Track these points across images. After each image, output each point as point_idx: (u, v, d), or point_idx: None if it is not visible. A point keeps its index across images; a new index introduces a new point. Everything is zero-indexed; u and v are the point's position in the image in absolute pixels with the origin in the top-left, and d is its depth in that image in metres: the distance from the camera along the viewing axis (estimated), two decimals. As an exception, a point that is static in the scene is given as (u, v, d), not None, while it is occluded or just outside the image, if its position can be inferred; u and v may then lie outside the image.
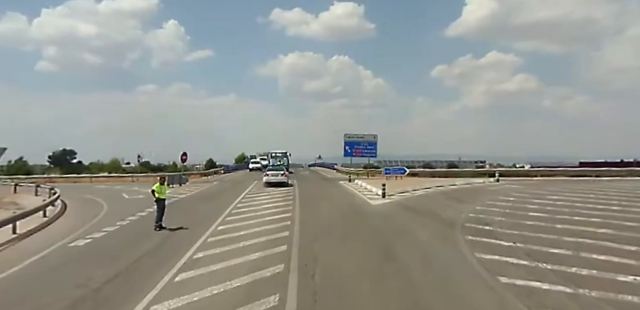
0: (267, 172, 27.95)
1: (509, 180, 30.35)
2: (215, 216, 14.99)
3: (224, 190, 25.91)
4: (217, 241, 11.02)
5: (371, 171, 40.80)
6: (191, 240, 11.12)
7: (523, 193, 20.63)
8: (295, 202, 18.42)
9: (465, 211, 15.16)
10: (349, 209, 16.59)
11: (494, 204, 16.99)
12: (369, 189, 23.73)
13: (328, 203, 18.48)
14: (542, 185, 25.49)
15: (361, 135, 53.67)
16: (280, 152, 50.58)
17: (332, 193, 23.14)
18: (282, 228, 12.52)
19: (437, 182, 27.80)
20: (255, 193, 23.30)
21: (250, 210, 16.43)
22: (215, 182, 35.48)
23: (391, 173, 29.76)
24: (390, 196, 20.01)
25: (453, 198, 19.28)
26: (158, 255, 9.86)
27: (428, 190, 23.19)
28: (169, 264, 8.83)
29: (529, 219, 13.32)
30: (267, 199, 20.19)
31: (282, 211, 15.87)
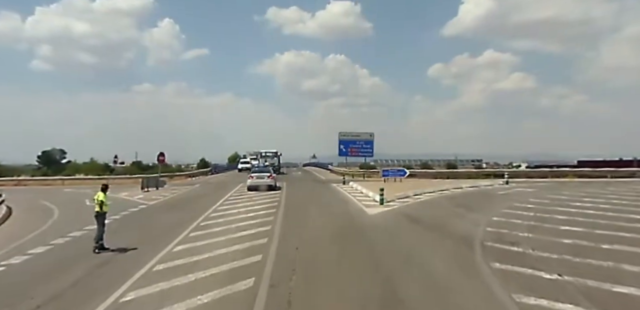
0: (252, 174, 25.23)
1: (518, 181, 27.86)
2: (179, 231, 12.31)
3: (203, 195, 23.20)
4: (165, 271, 8.34)
5: (367, 172, 38.11)
6: (131, 269, 8.43)
7: (540, 198, 18.06)
8: (278, 212, 15.74)
9: (481, 224, 12.56)
10: (342, 221, 13.92)
11: (513, 213, 14.40)
12: (365, 194, 21.10)
13: (317, 213, 15.82)
14: (557, 189, 22.98)
15: (357, 133, 51.04)
16: (271, 151, 47.82)
17: (323, 199, 20.47)
18: (254, 250, 9.84)
19: (439, 184, 25.22)
20: (236, 199, 20.61)
21: (222, 222, 13.75)
22: (197, 184, 32.74)
23: (390, 175, 27.07)
24: (389, 203, 17.38)
25: (462, 205, 16.67)
26: (69, 298, 7.12)
27: (432, 195, 20.59)
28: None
29: (564, 236, 10.71)
30: (247, 206, 17.51)
31: (261, 224, 13.20)
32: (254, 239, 10.90)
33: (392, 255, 9.33)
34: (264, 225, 12.82)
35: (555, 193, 20.03)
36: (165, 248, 10.28)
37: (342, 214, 15.33)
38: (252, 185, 24.44)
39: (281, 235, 11.39)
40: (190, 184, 33.60)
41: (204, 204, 18.41)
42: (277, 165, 47.56)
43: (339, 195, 21.56)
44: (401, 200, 18.53)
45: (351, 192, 23.12)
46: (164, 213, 16.63)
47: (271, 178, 24.79)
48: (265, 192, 23.24)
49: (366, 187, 23.72)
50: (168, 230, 12.66)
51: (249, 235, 11.42)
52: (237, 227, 12.69)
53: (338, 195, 21.88)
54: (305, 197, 21.14)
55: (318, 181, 34.89)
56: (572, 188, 23.22)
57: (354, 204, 17.97)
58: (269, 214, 15.25)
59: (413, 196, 19.80)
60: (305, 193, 23.62)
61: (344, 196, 21.13)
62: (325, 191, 24.27)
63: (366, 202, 18.29)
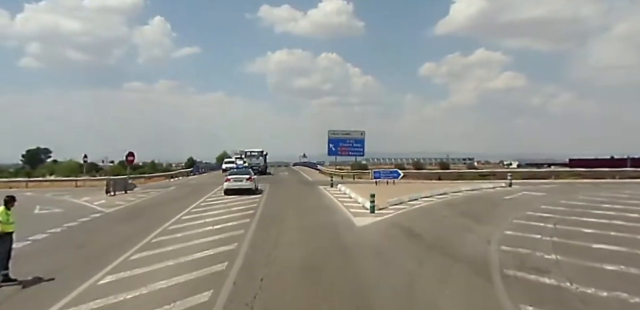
0: (229, 176, 22.75)
1: (521, 183, 25.70)
2: (120, 251, 9.88)
3: (173, 200, 20.71)
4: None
5: (358, 173, 35.76)
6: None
7: (553, 204, 15.85)
8: (251, 224, 13.34)
9: (492, 240, 10.28)
10: (324, 236, 11.54)
11: (527, 225, 12.15)
12: (354, 199, 18.77)
13: (297, 225, 13.44)
14: (567, 192, 20.83)
15: (347, 131, 48.75)
16: (256, 151, 45.30)
17: (307, 206, 18.08)
18: (206, 282, 7.46)
19: (436, 187, 22.97)
20: (208, 205, 18.17)
21: (180, 238, 11.33)
22: (173, 186, 30.19)
23: (382, 177, 24.69)
24: (381, 211, 15.07)
25: (466, 214, 14.40)
26: None
27: (429, 200, 18.31)
28: None
29: (603, 258, 8.45)
30: (218, 215, 15.10)
31: (227, 240, 10.80)
32: (210, 264, 8.51)
33: (385, 293, 6.97)
34: (229, 243, 10.42)
35: (568, 197, 17.86)
36: (92, 278, 7.86)
37: (325, 226, 12.95)
38: (229, 188, 22.01)
39: (246, 259, 9.00)
40: (166, 186, 31.01)
41: (169, 212, 15.95)
42: (263, 165, 45.14)
43: (325, 201, 19.19)
44: (395, 207, 16.22)
45: (339, 196, 20.78)
46: (116, 224, 14.14)
47: (250, 180, 22.36)
48: (243, 197, 20.83)
49: (356, 190, 21.41)
50: (109, 249, 10.21)
51: (206, 259, 9.03)
52: (195, 246, 10.29)
53: (324, 200, 19.52)
54: (286, 203, 18.74)
55: (304, 183, 32.49)
56: (583, 191, 21.11)
57: (340, 212, 15.61)
58: (240, 226, 12.86)
59: (408, 202, 17.50)
60: (288, 198, 21.22)
61: (330, 202, 18.76)
62: (310, 196, 21.89)
63: (355, 209, 15.96)
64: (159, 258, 9.16)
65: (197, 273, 7.95)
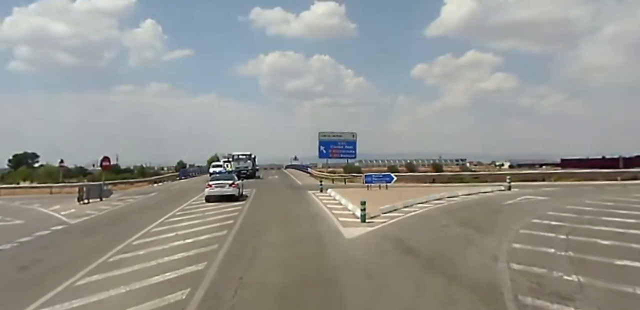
0: (210, 182, 21.28)
1: (520, 186, 24.48)
2: (70, 272, 8.45)
3: (148, 208, 19.24)
4: None
5: (349, 177, 34.38)
6: None
7: (559, 210, 14.57)
8: (228, 237, 11.94)
9: (500, 255, 8.96)
10: (308, 252, 10.14)
11: (536, 236, 10.85)
12: (344, 206, 17.42)
13: (279, 238, 12.04)
14: (571, 196, 19.63)
15: (338, 133, 47.53)
16: (244, 154, 43.73)
17: (293, 214, 16.68)
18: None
19: (431, 191, 21.68)
20: (185, 214, 16.73)
21: (143, 255, 9.89)
22: (154, 192, 28.69)
23: (374, 181, 23.31)
24: (373, 220, 13.72)
25: (466, 223, 13.08)
26: None
27: (425, 206, 16.99)
28: None
29: (632, 279, 7.14)
30: (192, 226, 13.67)
31: (196, 258, 9.39)
32: (168, 292, 7.09)
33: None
34: (197, 262, 9.00)
35: (574, 202, 16.62)
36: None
37: (310, 239, 11.56)
38: (211, 195, 20.57)
39: (213, 285, 7.57)
40: (147, 192, 29.47)
41: (140, 223, 14.50)
42: (252, 169, 43.61)
43: (313, 208, 17.79)
44: (388, 215, 14.88)
45: (328, 202, 19.39)
46: (76, 239, 12.66)
47: (234, 186, 20.91)
48: (225, 204, 19.39)
49: (346, 196, 20.05)
50: (55, 271, 8.77)
51: (165, 284, 7.60)
52: (157, 266, 8.86)
53: (311, 207, 18.12)
54: (271, 212, 17.33)
55: (293, 188, 31.06)
56: (588, 194, 19.92)
57: (328, 221, 14.22)
58: (214, 240, 11.44)
59: (402, 209, 16.16)
60: (273, 205, 19.80)
61: (318, 209, 17.37)
62: (297, 202, 20.48)
63: (344, 217, 14.59)
64: (110, 283, 7.72)
65: (149, 305, 6.53)
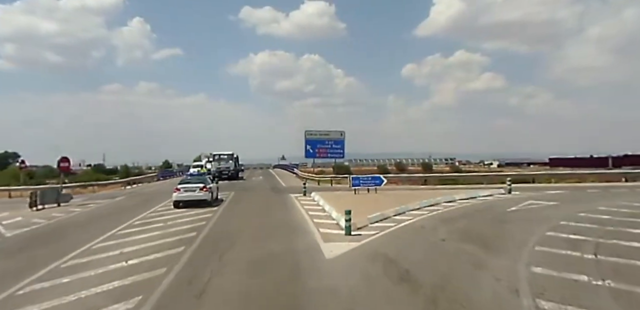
0: (179, 185, 19.04)
1: (518, 188, 22.59)
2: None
3: (106, 216, 16.97)
4: None
5: (336, 177, 32.29)
6: None
7: (573, 219, 12.61)
8: (184, 254, 9.80)
9: (520, 287, 6.93)
10: (277, 278, 8.02)
11: (557, 255, 8.87)
12: (328, 213, 15.36)
13: (246, 254, 9.91)
14: (581, 200, 17.78)
15: (325, 132, 45.41)
16: (226, 153, 41.30)
17: (269, 223, 14.56)
18: None
19: (425, 195, 19.72)
20: (145, 223, 14.53)
21: (63, 286, 7.70)
22: (123, 196, 26.32)
23: (362, 185, 21.18)
24: (359, 232, 11.66)
25: (470, 236, 11.05)
26: None
27: (419, 213, 14.97)
28: None
29: None
30: (146, 240, 11.49)
31: (129, 292, 7.22)
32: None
33: None
34: (130, 297, 6.85)
35: (586, 208, 14.73)
36: None
37: (283, 258, 9.44)
38: (179, 200, 18.37)
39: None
40: (115, 195, 27.08)
41: (86, 236, 12.28)
42: (234, 170, 41.27)
43: (292, 216, 15.66)
44: (377, 225, 12.83)
45: (310, 208, 17.30)
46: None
47: (205, 190, 18.70)
48: (194, 210, 17.22)
49: (331, 200, 18.00)
50: None
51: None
52: (73, 304, 6.69)
53: (291, 215, 15.99)
54: (243, 220, 15.18)
55: (275, 190, 28.86)
56: (598, 199, 18.13)
57: (307, 233, 12.10)
58: (165, 260, 9.29)
59: (393, 217, 14.13)
60: (249, 212, 17.64)
61: (298, 217, 15.25)
62: (276, 208, 18.34)
63: (326, 228, 12.51)
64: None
65: None
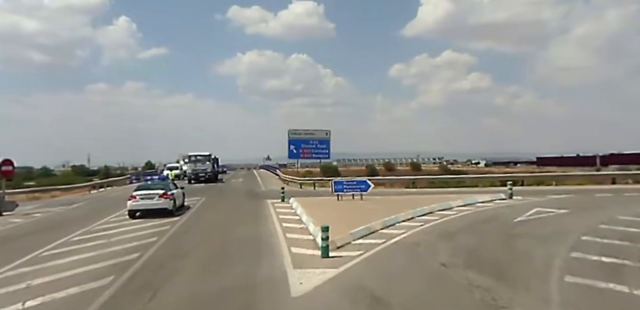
0: (135, 192, 16.55)
1: (519, 191, 20.51)
2: None
3: (47, 229, 14.47)
4: None
5: (320, 180, 29.96)
6: None
7: (599, 235, 10.46)
8: (104, 291, 7.41)
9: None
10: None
11: (597, 290, 6.70)
12: (305, 226, 13.07)
13: (189, 288, 7.55)
14: (593, 206, 15.78)
15: (310, 131, 43.09)
16: (203, 154, 38.62)
17: (232, 240, 12.19)
18: None
19: (417, 201, 17.57)
20: (85, 239, 12.09)
21: None
22: (80, 203, 23.73)
23: (345, 190, 18.83)
24: (340, 253, 9.38)
25: (477, 260, 8.81)
26: None
27: (412, 226, 12.72)
28: None
29: None
30: (74, 264, 9.06)
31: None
32: None
33: None
34: None
35: (604, 218, 12.69)
36: None
37: (237, 294, 7.10)
38: (134, 209, 15.93)
39: None
40: (72, 202, 24.45)
41: (13, 255, 9.79)
42: (211, 172, 38.63)
43: (263, 229, 13.30)
44: (361, 242, 10.56)
45: (286, 219, 14.98)
46: None
47: (166, 197, 16.25)
48: (150, 221, 14.85)
49: (310, 208, 15.75)
50: None
51: None
52: None
53: (262, 228, 13.62)
54: (204, 235, 12.81)
55: (252, 195, 26.43)
56: (612, 205, 16.22)
57: (276, 255, 9.75)
58: (78, 299, 6.92)
59: (381, 231, 11.88)
60: (214, 223, 15.24)
61: (269, 232, 12.88)
62: (247, 218, 15.96)
63: (300, 247, 10.21)
64: None
65: None
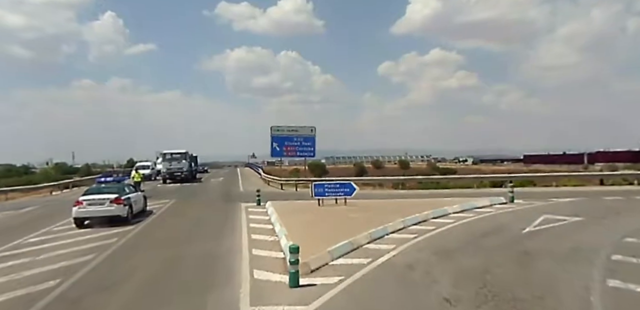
0: (82, 197, 14.28)
1: (519, 194, 18.64)
2: None
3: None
4: None
5: (302, 181, 27.87)
6: None
7: (628, 252, 8.61)
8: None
9: None
10: None
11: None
12: (277, 238, 10.99)
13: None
14: (607, 212, 13.93)
15: (294, 128, 40.90)
16: (178, 152, 36.06)
17: (188, 257, 10.07)
18: None
19: (408, 206, 15.65)
20: (6, 257, 9.86)
21: None
22: (33, 206, 21.30)
23: (327, 194, 16.12)
24: (313, 278, 7.34)
25: (489, 293, 6.84)
26: None
27: (403, 239, 10.69)
28: None
29: None
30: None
31: None
32: None
33: None
34: None
35: (626, 228, 10.87)
36: None
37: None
38: (80, 217, 13.72)
39: None
40: (28, 205, 22.04)
41: None
42: (188, 171, 36.07)
43: (227, 243, 11.19)
44: (341, 262, 8.54)
45: (257, 228, 12.90)
46: None
47: (119, 203, 14.04)
48: (97, 232, 12.68)
49: (286, 216, 13.72)
50: None
51: None
52: None
53: (226, 241, 11.49)
54: (154, 251, 10.65)
55: (226, 197, 24.20)
56: (626, 210, 14.45)
57: (231, 283, 7.65)
58: None
59: (365, 246, 9.86)
60: (172, 233, 13.06)
61: (233, 247, 10.75)
62: (212, 228, 13.82)
63: (266, 269, 8.14)
64: None
65: None
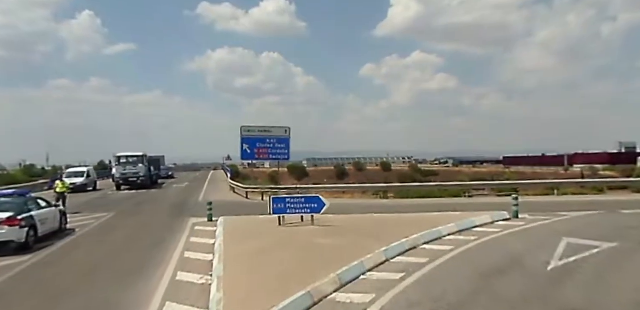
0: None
1: (525, 207, 15.83)
2: None
3: None
4: None
5: (272, 189, 24.69)
6: None
7: None
8: None
9: None
10: None
11: None
12: (208, 281, 7.85)
13: None
14: (633, 232, 11.14)
15: (267, 128, 37.69)
16: (135, 155, 32.25)
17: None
18: None
19: (392, 224, 12.72)
20: None
21: None
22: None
23: (289, 211, 12.49)
24: None
25: None
26: None
27: (384, 282, 7.68)
28: None
29: None
30: None
31: None
32: None
33: None
34: None
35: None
36: None
37: None
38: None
39: None
40: None
41: None
42: (145, 176, 32.11)
43: (140, 289, 8.02)
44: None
45: (190, 262, 9.72)
46: None
47: (13, 225, 10.69)
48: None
49: (236, 240, 10.63)
50: None
51: None
52: None
53: (141, 283, 8.32)
54: (32, 305, 7.40)
55: (178, 210, 20.45)
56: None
57: None
58: None
59: (330, 297, 6.81)
60: (74, 270, 9.78)
61: (142, 297, 7.61)
62: (133, 260, 10.56)
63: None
64: None
65: None
